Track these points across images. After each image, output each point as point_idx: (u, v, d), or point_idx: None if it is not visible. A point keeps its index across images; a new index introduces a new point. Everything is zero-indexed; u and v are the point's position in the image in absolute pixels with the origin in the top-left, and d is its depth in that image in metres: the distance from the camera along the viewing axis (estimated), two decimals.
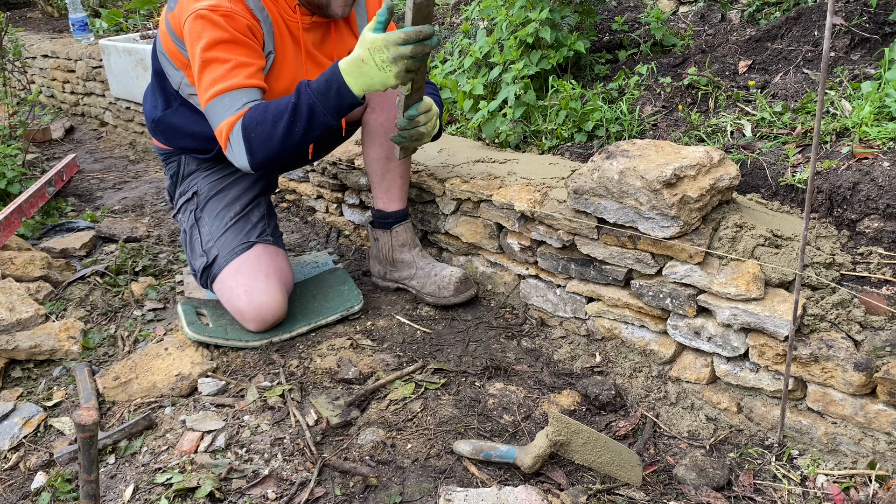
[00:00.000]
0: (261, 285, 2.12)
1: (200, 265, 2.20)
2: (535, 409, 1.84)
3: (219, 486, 1.60)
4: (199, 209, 2.27)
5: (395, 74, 1.79)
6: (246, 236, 2.20)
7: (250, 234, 2.21)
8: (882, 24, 2.53)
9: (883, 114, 2.07)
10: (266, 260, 2.18)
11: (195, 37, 1.88)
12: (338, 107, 1.85)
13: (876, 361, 1.53)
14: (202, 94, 1.91)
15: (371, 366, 2.03)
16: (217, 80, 1.88)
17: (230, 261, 2.15)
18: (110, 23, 5.06)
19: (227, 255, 2.16)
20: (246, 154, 1.88)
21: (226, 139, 1.90)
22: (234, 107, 1.89)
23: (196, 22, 1.87)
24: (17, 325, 2.13)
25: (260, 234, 2.23)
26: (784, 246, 1.75)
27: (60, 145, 4.49)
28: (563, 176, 2.22)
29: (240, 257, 2.15)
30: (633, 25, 3.27)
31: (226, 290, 2.15)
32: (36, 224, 3.03)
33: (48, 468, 1.72)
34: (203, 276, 2.22)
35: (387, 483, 1.62)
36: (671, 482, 1.63)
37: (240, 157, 1.91)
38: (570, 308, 2.11)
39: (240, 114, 1.89)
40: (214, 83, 1.88)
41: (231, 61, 1.88)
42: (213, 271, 2.18)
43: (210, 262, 2.18)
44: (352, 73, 1.81)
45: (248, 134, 1.86)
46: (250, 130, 1.86)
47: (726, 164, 1.90)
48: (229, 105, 1.89)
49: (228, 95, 1.88)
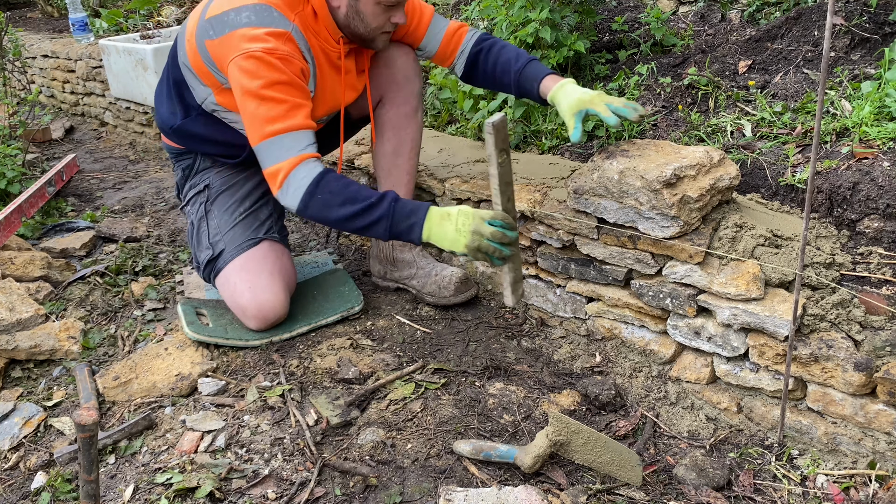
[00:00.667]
0: (265, 283, 2.13)
1: (205, 258, 2.21)
2: (535, 409, 1.84)
3: (219, 486, 1.60)
4: (210, 202, 2.28)
5: (465, 244, 1.80)
6: (254, 232, 2.22)
7: (258, 230, 2.23)
8: (882, 24, 2.53)
9: (883, 114, 2.07)
10: (272, 258, 2.19)
11: (249, 74, 1.86)
12: (398, 234, 1.88)
13: (876, 361, 1.53)
14: (256, 128, 1.89)
15: (371, 366, 2.03)
16: (275, 119, 1.87)
17: (236, 256, 2.16)
18: (110, 23, 5.06)
19: (233, 250, 2.17)
20: (299, 203, 1.88)
21: (282, 179, 1.88)
22: (294, 148, 1.88)
23: (249, 61, 1.85)
24: (17, 325, 2.13)
25: (267, 231, 2.25)
26: (784, 246, 1.75)
27: (60, 145, 4.49)
28: (563, 176, 2.22)
29: (245, 253, 2.16)
30: (633, 25, 3.27)
31: (229, 285, 2.16)
32: (36, 224, 3.03)
33: (48, 468, 1.72)
34: (207, 268, 2.22)
35: (387, 483, 1.62)
36: (671, 482, 1.63)
37: (289, 200, 1.90)
38: (570, 308, 2.11)
39: (301, 157, 1.88)
40: (272, 121, 1.87)
41: (288, 102, 1.88)
42: (218, 265, 2.19)
43: (216, 255, 2.19)
44: (434, 220, 1.85)
45: (315, 192, 1.86)
46: (318, 191, 1.86)
47: (726, 164, 1.90)
48: (290, 146, 1.88)
49: (289, 136, 1.88)
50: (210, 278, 2.24)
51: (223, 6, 1.94)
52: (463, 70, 2.27)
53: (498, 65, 2.17)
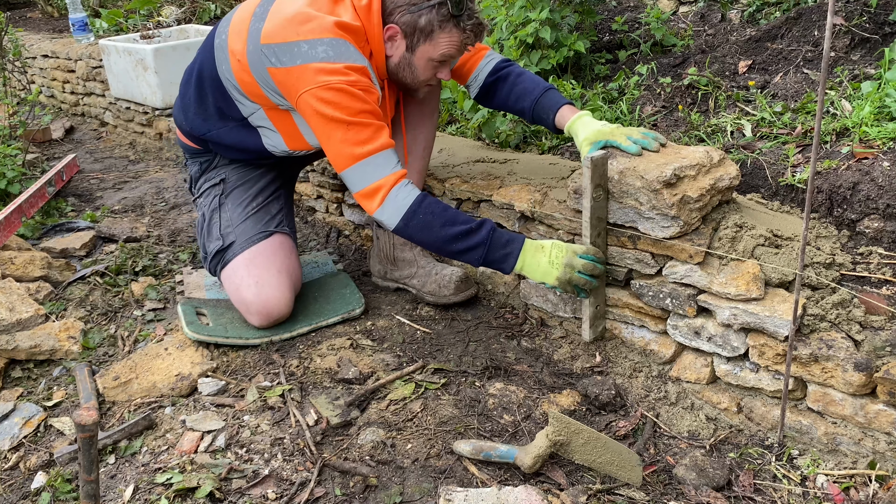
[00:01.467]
0: (272, 279, 2.15)
1: (214, 248, 2.23)
2: (535, 409, 1.84)
3: (219, 486, 1.60)
4: (224, 195, 2.31)
5: (557, 276, 1.89)
6: (265, 226, 2.25)
7: (269, 224, 2.27)
8: (882, 24, 2.53)
9: (883, 114, 2.07)
10: (281, 256, 2.22)
11: (332, 105, 1.90)
12: (491, 262, 1.96)
13: (876, 361, 1.53)
14: (346, 152, 1.94)
15: (371, 366, 2.03)
16: (365, 142, 1.94)
17: (246, 248, 2.19)
18: (110, 23, 5.06)
19: (243, 242, 2.20)
20: (399, 221, 1.95)
21: (383, 197, 1.95)
22: (388, 166, 1.96)
23: (331, 93, 1.90)
24: (17, 325, 2.14)
25: (278, 225, 2.29)
26: (784, 246, 1.75)
27: (60, 145, 4.49)
28: (563, 176, 2.22)
29: (255, 247, 2.19)
30: (633, 25, 3.27)
31: (236, 278, 2.17)
32: (36, 224, 3.03)
33: (48, 468, 1.72)
34: (214, 259, 2.24)
35: (387, 483, 1.62)
36: (671, 482, 1.63)
37: (388, 218, 1.97)
38: (569, 308, 2.11)
39: (399, 174, 1.96)
40: (362, 143, 1.93)
41: (373, 125, 1.95)
42: (227, 256, 2.20)
43: (225, 245, 2.21)
44: (528, 252, 1.93)
45: (417, 212, 1.94)
46: (420, 211, 1.94)
47: (726, 164, 1.90)
48: (383, 164, 1.95)
49: (380, 155, 1.95)
50: (216, 270, 2.25)
51: (287, 35, 1.94)
52: (477, 94, 2.31)
53: (513, 94, 2.21)
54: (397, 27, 2.01)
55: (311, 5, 1.98)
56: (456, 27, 2.00)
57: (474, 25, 2.02)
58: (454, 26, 2.00)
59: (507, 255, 1.93)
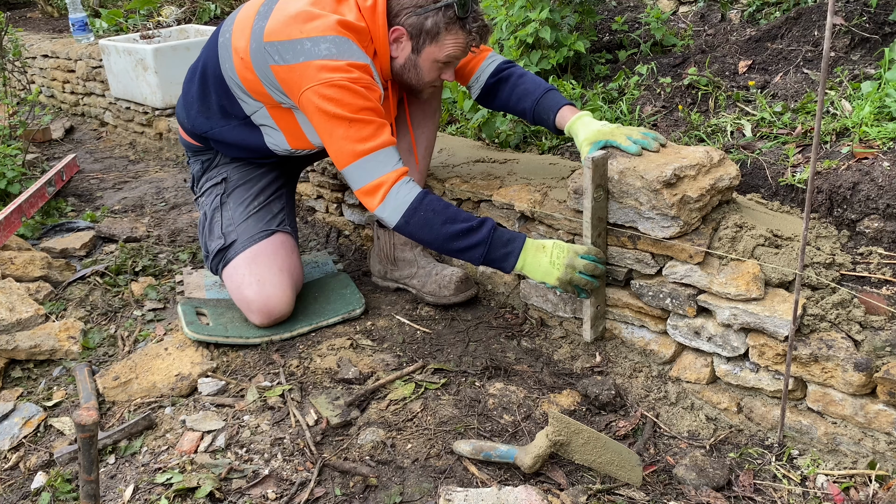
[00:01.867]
0: (274, 278, 2.15)
1: (216, 247, 2.23)
2: (535, 409, 1.84)
3: (219, 486, 1.60)
4: (226, 194, 2.32)
5: (558, 276, 1.89)
6: (266, 224, 2.26)
7: (271, 222, 2.28)
8: (882, 24, 2.53)
9: (883, 114, 2.07)
10: (283, 254, 2.22)
11: (333, 101, 1.91)
12: (492, 261, 1.95)
13: (876, 361, 1.53)
14: (347, 149, 1.95)
15: (371, 366, 2.03)
16: (366, 139, 1.94)
17: (248, 247, 2.19)
18: (110, 23, 5.06)
19: (245, 241, 2.20)
20: (400, 218, 1.95)
21: (384, 194, 1.95)
22: (389, 163, 1.96)
23: (333, 89, 1.90)
24: (17, 325, 2.14)
25: (280, 224, 2.30)
26: (784, 246, 1.75)
27: (60, 145, 4.49)
28: (563, 176, 2.22)
29: (257, 245, 2.19)
30: (633, 25, 3.27)
31: (237, 276, 2.17)
32: (36, 224, 3.03)
33: (48, 468, 1.72)
34: (216, 258, 2.24)
35: (387, 483, 1.62)
36: (671, 482, 1.63)
37: (389, 215, 1.97)
38: (569, 308, 2.11)
39: (401, 172, 1.96)
40: (363, 140, 1.94)
41: (375, 122, 1.95)
42: (228, 255, 2.21)
43: (227, 244, 2.21)
44: (529, 252, 1.92)
45: (418, 209, 1.94)
46: (421, 209, 1.94)
47: (726, 164, 1.90)
48: (385, 161, 1.95)
49: (382, 152, 1.96)
50: (218, 269, 2.26)
51: (290, 33, 1.94)
52: (479, 95, 2.31)
53: (514, 95, 2.21)
54: (403, 29, 2.01)
55: (315, 4, 1.98)
56: (462, 29, 2.00)
57: (480, 27, 2.03)
58: (460, 28, 2.00)
59: (508, 254, 1.93)
